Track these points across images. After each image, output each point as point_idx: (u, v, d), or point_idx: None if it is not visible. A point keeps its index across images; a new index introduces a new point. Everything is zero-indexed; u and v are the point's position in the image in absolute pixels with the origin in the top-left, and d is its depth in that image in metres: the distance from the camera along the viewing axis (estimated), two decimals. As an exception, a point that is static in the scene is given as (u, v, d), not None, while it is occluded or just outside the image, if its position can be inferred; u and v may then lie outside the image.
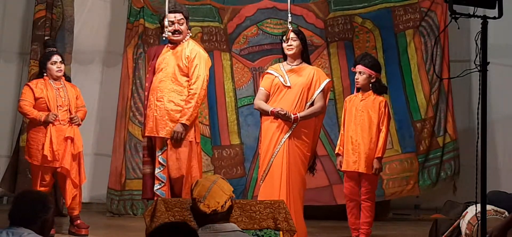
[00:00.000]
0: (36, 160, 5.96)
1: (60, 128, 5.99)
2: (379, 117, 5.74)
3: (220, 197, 3.08)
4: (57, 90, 6.07)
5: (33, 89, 6.01)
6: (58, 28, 7.29)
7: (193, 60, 5.51)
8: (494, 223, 4.54)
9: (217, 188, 3.11)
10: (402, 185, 7.42)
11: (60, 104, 6.03)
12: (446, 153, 7.51)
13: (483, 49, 3.85)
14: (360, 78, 5.78)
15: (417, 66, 7.55)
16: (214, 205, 3.05)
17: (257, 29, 7.69)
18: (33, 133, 6.00)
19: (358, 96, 5.84)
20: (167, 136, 5.46)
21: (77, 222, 6.11)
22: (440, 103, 7.49)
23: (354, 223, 5.78)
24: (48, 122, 5.92)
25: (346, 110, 5.88)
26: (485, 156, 3.85)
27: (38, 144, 5.95)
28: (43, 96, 5.99)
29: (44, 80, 6.07)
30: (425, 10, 7.54)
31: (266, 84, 5.55)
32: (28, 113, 5.99)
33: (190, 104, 5.46)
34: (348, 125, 5.82)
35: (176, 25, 5.53)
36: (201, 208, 3.05)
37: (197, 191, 3.11)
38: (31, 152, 6.00)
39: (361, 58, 5.86)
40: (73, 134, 6.04)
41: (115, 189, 7.48)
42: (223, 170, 7.51)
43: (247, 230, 4.34)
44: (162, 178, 5.48)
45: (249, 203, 4.53)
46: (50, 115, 5.92)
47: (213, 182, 3.15)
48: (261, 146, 5.49)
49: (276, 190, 5.26)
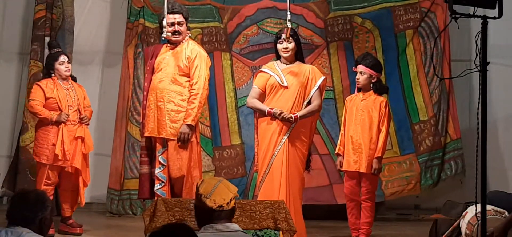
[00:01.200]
0: (45, 159, 5.99)
1: (71, 128, 6.04)
2: (380, 117, 5.73)
3: (226, 194, 3.10)
4: (66, 90, 6.13)
5: (43, 89, 6.06)
6: (58, 28, 7.29)
7: (194, 60, 5.51)
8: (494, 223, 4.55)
9: (223, 186, 3.14)
10: (401, 185, 7.41)
11: (71, 104, 6.10)
12: (446, 153, 7.50)
13: (483, 49, 3.85)
14: (361, 78, 5.78)
15: (416, 68, 7.54)
16: (221, 201, 3.06)
17: (257, 29, 7.69)
18: (43, 132, 6.03)
19: (358, 96, 5.84)
20: (167, 136, 5.46)
21: (70, 222, 6.17)
22: (442, 103, 7.49)
23: (354, 223, 5.78)
24: (60, 122, 5.96)
25: (347, 110, 5.88)
26: (485, 156, 3.85)
27: (48, 143, 5.99)
28: (53, 96, 6.04)
29: (53, 80, 6.12)
30: (425, 10, 7.54)
31: (260, 82, 5.53)
32: (39, 112, 6.02)
33: (194, 105, 5.46)
34: (348, 125, 5.81)
35: (176, 26, 5.53)
36: (207, 203, 3.05)
37: (203, 188, 3.12)
38: (40, 151, 6.02)
39: (362, 58, 5.85)
40: (83, 134, 6.10)
41: (115, 189, 7.49)
42: (224, 170, 7.52)
43: (247, 230, 4.34)
44: (163, 178, 5.48)
45: (249, 203, 4.53)
46: (62, 115, 5.98)
47: (219, 181, 3.18)
48: (259, 147, 5.47)
49: (276, 191, 5.26)
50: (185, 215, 4.48)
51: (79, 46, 7.75)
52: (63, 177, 6.12)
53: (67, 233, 6.11)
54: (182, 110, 5.48)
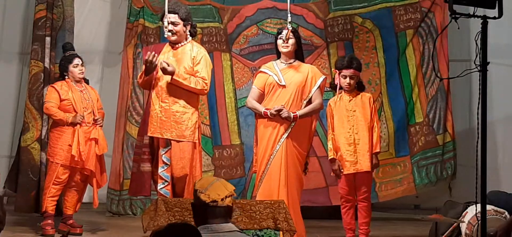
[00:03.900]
0: (59, 159, 6.05)
1: (85, 130, 6.11)
2: (371, 113, 5.73)
3: (222, 190, 3.10)
4: (81, 92, 6.20)
5: (58, 91, 6.14)
6: (58, 28, 7.29)
7: (200, 62, 5.53)
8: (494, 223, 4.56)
9: (219, 183, 3.15)
10: (395, 187, 7.41)
11: (85, 106, 6.18)
12: (446, 152, 7.49)
13: (483, 49, 3.85)
14: (352, 82, 5.74)
15: (415, 68, 7.54)
16: (215, 196, 3.06)
17: (257, 29, 7.69)
18: (58, 133, 6.11)
19: (344, 97, 5.75)
20: (172, 137, 5.45)
21: (70, 221, 6.18)
22: (439, 102, 7.47)
23: (350, 223, 5.76)
24: (75, 123, 6.03)
25: (334, 114, 5.76)
26: (485, 156, 3.85)
27: (63, 144, 6.06)
28: (68, 98, 6.12)
29: (66, 83, 6.19)
30: (426, 10, 7.53)
31: (259, 83, 5.55)
32: (54, 114, 6.10)
33: (191, 82, 5.40)
34: (339, 128, 5.72)
35: (170, 25, 5.53)
36: (201, 198, 3.06)
37: (200, 184, 3.14)
38: (54, 152, 6.09)
39: (351, 63, 5.71)
40: (97, 135, 6.16)
41: (115, 189, 7.50)
42: (223, 170, 7.52)
43: (247, 230, 4.35)
44: (166, 177, 5.46)
45: (249, 203, 4.54)
46: (78, 116, 6.06)
47: (216, 179, 3.18)
48: (258, 147, 5.48)
49: (275, 191, 5.26)
50: (185, 215, 4.49)
51: (79, 46, 7.71)
52: (74, 177, 6.17)
53: (68, 232, 6.11)
54: (187, 111, 5.48)
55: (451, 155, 7.49)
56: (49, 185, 6.08)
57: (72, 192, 6.21)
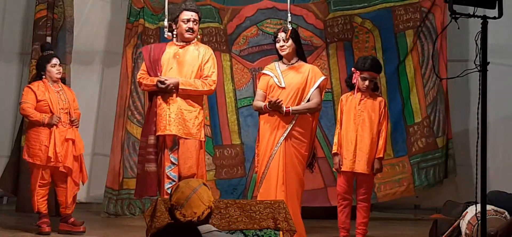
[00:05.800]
0: (38, 160, 6.01)
1: (62, 130, 6.07)
2: (380, 117, 5.73)
3: (198, 207, 3.06)
4: (57, 93, 6.15)
5: (35, 91, 6.09)
6: (59, 28, 7.29)
7: (208, 61, 5.58)
8: (494, 223, 4.56)
9: (196, 197, 3.08)
10: (394, 188, 7.42)
11: (62, 106, 6.13)
12: (445, 154, 7.50)
13: (483, 49, 3.85)
14: (371, 84, 5.73)
15: (413, 69, 7.54)
16: (190, 215, 3.03)
17: (257, 30, 7.69)
18: (34, 133, 6.05)
19: (356, 96, 5.77)
20: (180, 135, 5.44)
21: (71, 220, 6.16)
22: (438, 104, 7.48)
23: (344, 222, 5.75)
24: (52, 124, 5.99)
25: (343, 109, 5.82)
26: (485, 156, 3.85)
27: (40, 144, 6.01)
28: (45, 99, 6.07)
29: (43, 83, 6.15)
30: (426, 10, 7.53)
31: (262, 85, 5.58)
32: (31, 115, 6.05)
33: (198, 86, 5.46)
34: (346, 125, 5.78)
35: (191, 23, 5.56)
36: (176, 216, 3.04)
37: (176, 198, 3.09)
38: (32, 152, 6.05)
39: (371, 65, 5.70)
40: (74, 136, 6.12)
41: (113, 189, 7.48)
42: (224, 169, 7.52)
43: (247, 230, 4.34)
44: (173, 177, 5.45)
45: (249, 203, 4.53)
46: (54, 117, 6.02)
47: (194, 190, 3.11)
48: (259, 147, 5.49)
49: (273, 192, 5.27)
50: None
51: (79, 46, 7.76)
52: (57, 176, 6.14)
53: (70, 232, 6.10)
54: (193, 110, 5.49)
55: (450, 153, 7.50)
56: (35, 187, 6.02)
57: (62, 190, 6.17)
